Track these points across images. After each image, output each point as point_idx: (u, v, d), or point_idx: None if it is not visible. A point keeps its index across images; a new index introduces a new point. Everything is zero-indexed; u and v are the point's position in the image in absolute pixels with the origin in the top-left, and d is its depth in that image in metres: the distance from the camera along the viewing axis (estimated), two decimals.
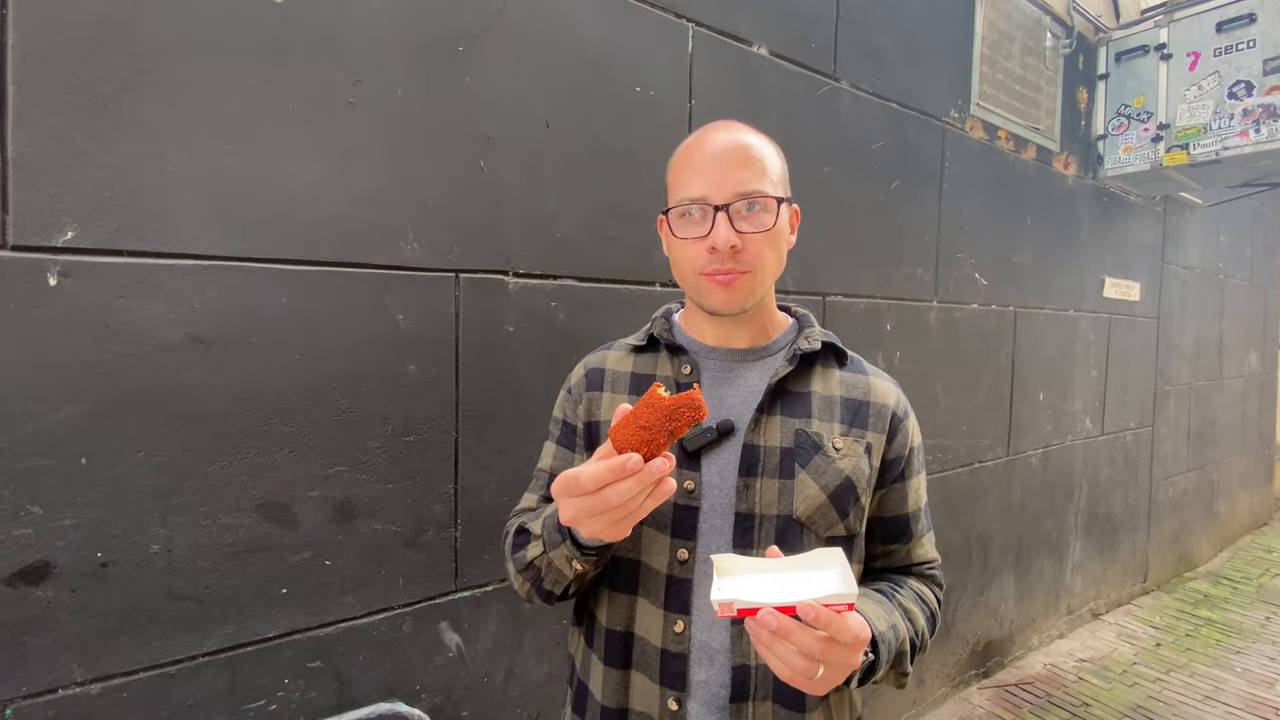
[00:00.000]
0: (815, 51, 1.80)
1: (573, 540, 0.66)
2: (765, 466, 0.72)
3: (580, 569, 0.67)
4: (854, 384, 0.79)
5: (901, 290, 2.10)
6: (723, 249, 0.69)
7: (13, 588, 0.85)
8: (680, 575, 0.72)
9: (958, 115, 2.25)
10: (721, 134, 0.74)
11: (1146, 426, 3.40)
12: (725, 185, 0.70)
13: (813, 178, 1.81)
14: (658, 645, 0.72)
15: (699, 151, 0.74)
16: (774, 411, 0.75)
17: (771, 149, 0.76)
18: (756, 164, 0.72)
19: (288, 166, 1.03)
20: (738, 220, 0.70)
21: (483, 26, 1.22)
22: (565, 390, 0.85)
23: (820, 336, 0.80)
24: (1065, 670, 2.69)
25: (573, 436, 0.82)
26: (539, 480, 0.85)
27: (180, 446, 0.96)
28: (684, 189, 0.73)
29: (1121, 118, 2.78)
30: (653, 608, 0.72)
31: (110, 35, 0.89)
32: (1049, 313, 2.72)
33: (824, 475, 0.73)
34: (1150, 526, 3.50)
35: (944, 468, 2.30)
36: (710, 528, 0.72)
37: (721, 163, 0.71)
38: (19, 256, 0.84)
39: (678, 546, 0.72)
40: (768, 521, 0.71)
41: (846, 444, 0.75)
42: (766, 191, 0.72)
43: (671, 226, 0.75)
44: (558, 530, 0.67)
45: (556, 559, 0.68)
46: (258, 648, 1.03)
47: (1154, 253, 3.34)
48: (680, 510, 0.72)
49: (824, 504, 0.72)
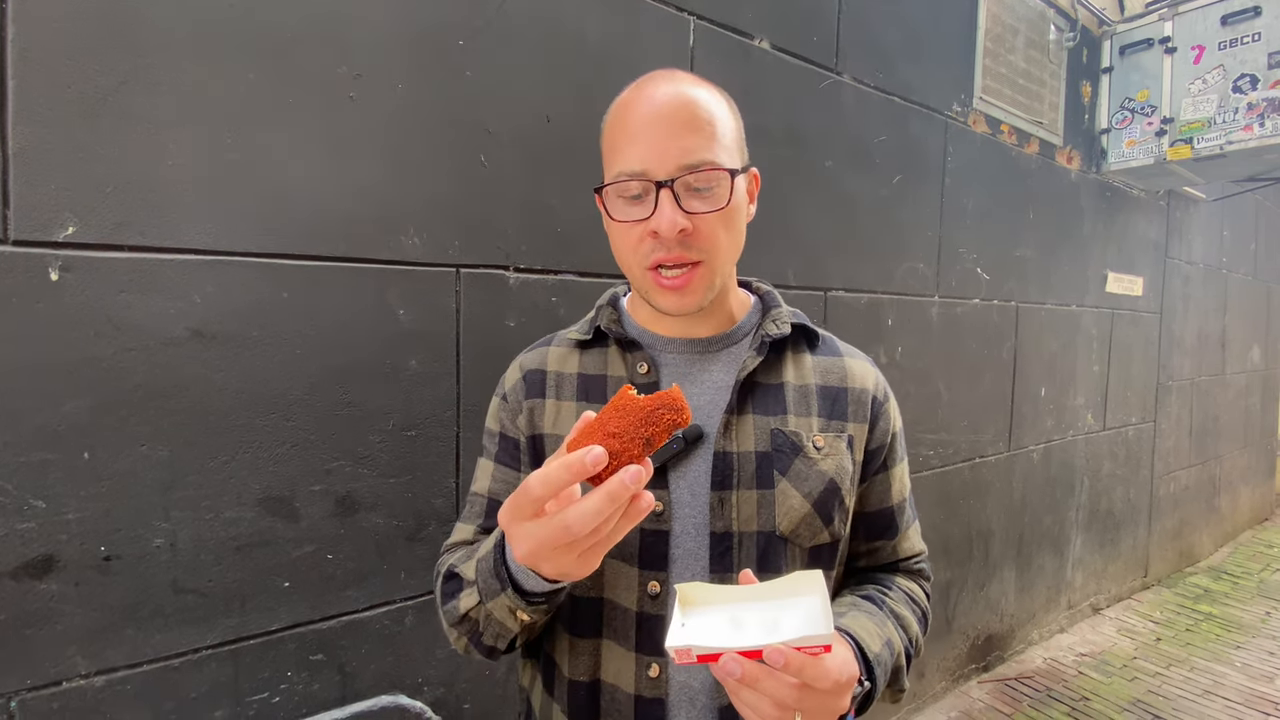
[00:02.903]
0: (817, 45, 1.79)
1: (515, 587, 0.53)
2: (741, 477, 0.62)
3: (527, 619, 0.55)
4: (829, 369, 0.69)
5: (903, 285, 2.10)
6: (668, 235, 0.57)
7: (17, 581, 0.85)
8: (652, 612, 0.61)
9: (960, 109, 2.24)
10: (662, 87, 0.59)
11: (1148, 422, 3.40)
12: (668, 155, 0.57)
13: (815, 172, 1.80)
14: (630, 692, 0.62)
15: (634, 111, 0.59)
16: (745, 410, 0.64)
17: (724, 103, 0.62)
18: (705, 126, 0.58)
19: (288, 161, 1.03)
20: (686, 198, 0.57)
21: (483, 20, 1.21)
22: (499, 397, 0.72)
23: (789, 318, 0.69)
24: (1065, 664, 2.69)
25: (515, 452, 0.69)
26: (474, 507, 0.71)
27: (183, 441, 0.96)
28: (619, 160, 0.59)
29: (1125, 111, 2.77)
30: (622, 651, 0.62)
31: (110, 30, 0.89)
32: (1051, 308, 2.71)
33: (806, 481, 0.63)
34: (1151, 521, 3.50)
35: (945, 463, 2.30)
36: (683, 553, 0.62)
37: (662, 126, 0.57)
38: (20, 251, 0.84)
39: (648, 579, 0.61)
40: (747, 540, 0.62)
41: (827, 441, 0.65)
42: (719, 162, 0.58)
43: (608, 208, 0.61)
44: (495, 575, 0.54)
45: (496, 610, 0.55)
46: (261, 640, 1.03)
47: (1157, 248, 3.33)
48: (648, 536, 0.61)
49: (808, 514, 0.63)
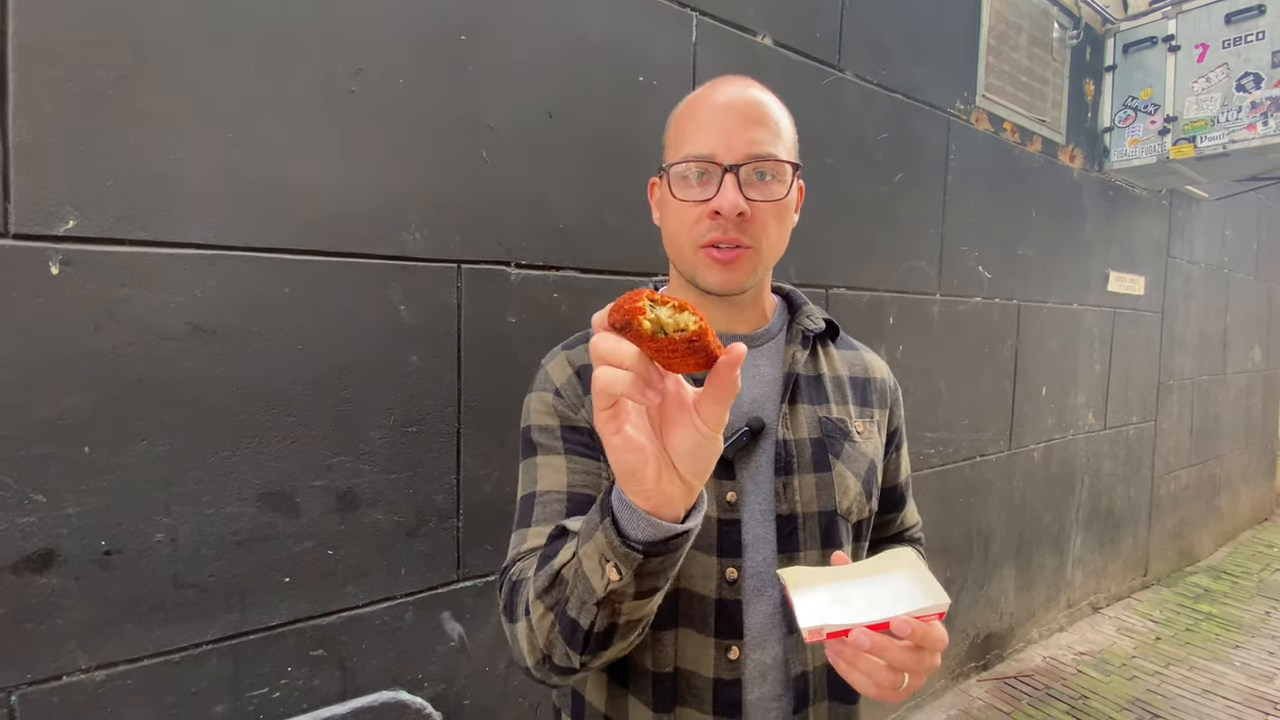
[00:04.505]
0: (820, 41, 1.78)
1: (613, 520, 0.45)
2: (800, 462, 0.66)
3: (616, 581, 0.46)
4: (853, 361, 0.76)
5: (905, 283, 2.09)
6: (729, 215, 0.60)
7: (17, 575, 0.85)
8: (730, 597, 0.63)
9: (963, 107, 2.23)
10: (734, 87, 0.65)
11: (1149, 421, 3.39)
12: (736, 144, 0.61)
13: (816, 169, 1.80)
14: (709, 676, 0.63)
15: (707, 104, 0.64)
16: (797, 401, 0.69)
17: (785, 112, 0.68)
18: (771, 124, 0.63)
19: (289, 156, 1.03)
20: (747, 186, 0.61)
21: (485, 15, 1.21)
22: (550, 393, 0.68)
23: (820, 315, 0.75)
24: (1064, 663, 2.70)
25: (590, 441, 0.65)
26: (548, 507, 0.63)
27: (183, 436, 0.96)
28: (688, 144, 0.63)
29: (1128, 110, 2.76)
30: (700, 637, 0.63)
31: (111, 23, 0.88)
32: (1053, 306, 2.70)
33: (856, 463, 0.69)
34: (1151, 521, 3.50)
35: (946, 461, 2.30)
36: (753, 538, 0.65)
37: (734, 117, 0.62)
38: (21, 245, 0.84)
39: (725, 566, 0.63)
40: (810, 520, 0.66)
41: (865, 426, 0.72)
42: (781, 156, 0.63)
43: (671, 186, 0.65)
44: (599, 507, 0.48)
45: (587, 561, 0.47)
46: (261, 636, 1.03)
47: (1159, 247, 3.32)
48: (725, 526, 0.64)
49: (859, 492, 0.69)
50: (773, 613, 0.65)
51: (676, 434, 0.42)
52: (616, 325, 0.38)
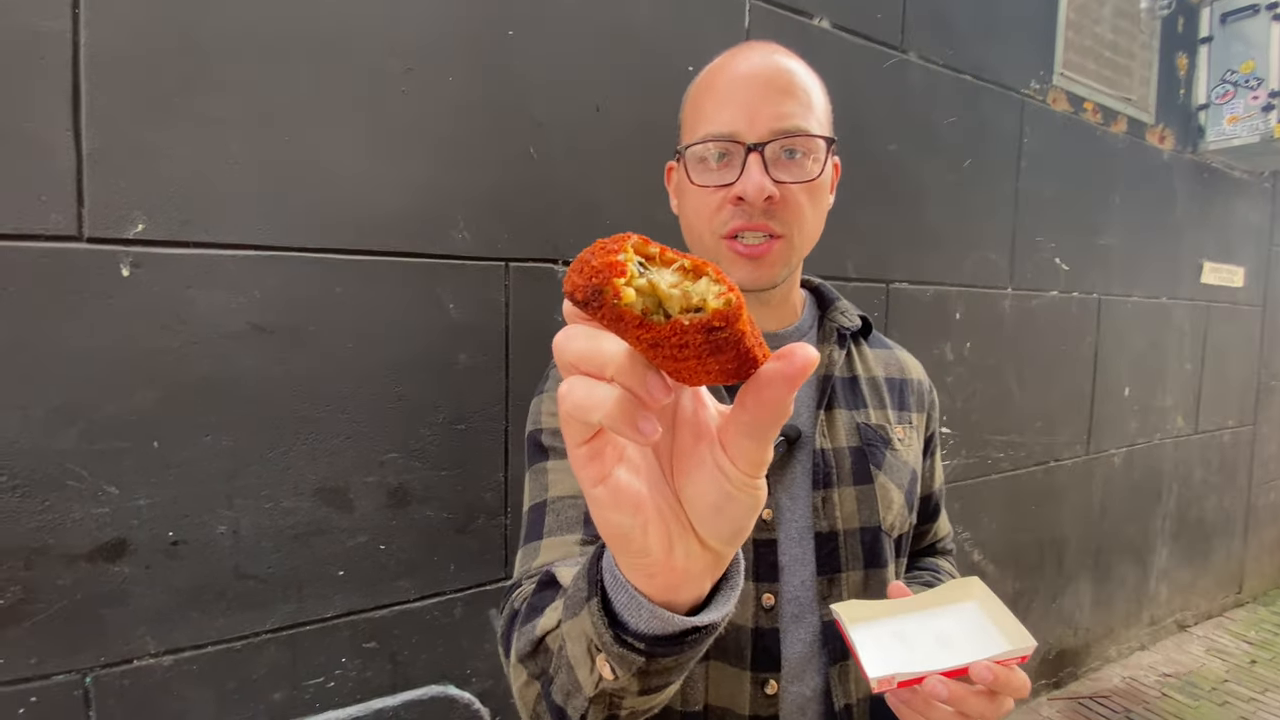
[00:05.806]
0: (881, 22, 1.69)
1: (603, 598, 0.32)
2: (839, 474, 0.60)
3: (610, 681, 0.33)
4: (888, 361, 0.69)
5: (973, 277, 1.98)
6: (754, 200, 0.53)
7: (92, 564, 0.90)
8: (767, 626, 0.57)
9: (1039, 86, 2.08)
10: (756, 54, 0.57)
11: (1247, 425, 3.12)
12: (760, 119, 0.54)
13: (878, 157, 1.71)
14: (744, 714, 0.57)
15: (725, 75, 0.57)
16: (834, 406, 0.63)
17: (817, 81, 0.59)
18: (800, 94, 0.55)
19: (342, 157, 1.04)
20: (775, 167, 0.54)
21: (533, 10, 1.19)
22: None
23: (854, 311, 0.69)
24: (1146, 685, 2.51)
25: None
26: (561, 515, 0.55)
27: (244, 431, 0.99)
28: (706, 122, 0.56)
29: (1227, 85, 2.52)
30: (735, 670, 0.57)
31: (173, 33, 0.91)
32: (1137, 300, 2.51)
33: (898, 474, 0.63)
34: (1248, 534, 3.22)
35: (1016, 466, 2.17)
36: (790, 559, 0.58)
37: (757, 89, 0.54)
38: (94, 249, 0.88)
39: (762, 591, 0.57)
40: (851, 538, 0.60)
41: (905, 433, 0.65)
42: (812, 130, 0.55)
43: (688, 171, 0.58)
44: (585, 576, 0.34)
45: (571, 641, 0.35)
46: (317, 627, 1.06)
47: (1260, 234, 3.03)
48: (760, 547, 0.57)
49: (902, 505, 0.62)
50: (813, 640, 0.59)
51: (693, 478, 0.26)
52: (580, 299, 0.21)
